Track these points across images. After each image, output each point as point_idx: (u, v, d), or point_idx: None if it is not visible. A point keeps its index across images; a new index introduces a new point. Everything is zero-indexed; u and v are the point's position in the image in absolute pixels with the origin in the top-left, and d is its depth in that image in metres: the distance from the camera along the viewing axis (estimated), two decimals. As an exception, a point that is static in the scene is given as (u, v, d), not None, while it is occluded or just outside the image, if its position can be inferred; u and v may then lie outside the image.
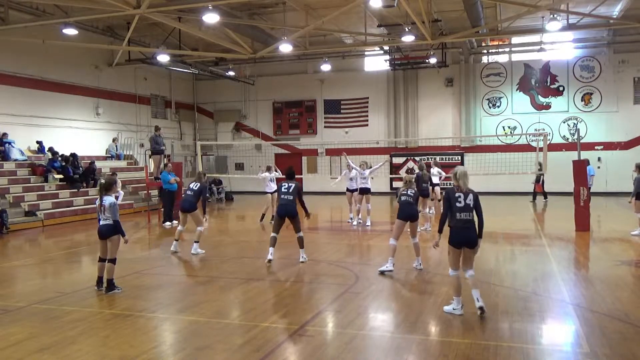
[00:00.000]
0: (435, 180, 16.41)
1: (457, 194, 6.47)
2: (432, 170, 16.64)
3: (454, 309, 6.53)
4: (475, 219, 6.52)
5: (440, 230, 6.85)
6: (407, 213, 8.85)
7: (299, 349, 5.62)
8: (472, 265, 6.59)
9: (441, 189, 16.45)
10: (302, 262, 9.69)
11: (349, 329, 6.10)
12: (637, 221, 12.71)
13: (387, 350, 5.53)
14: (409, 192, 8.97)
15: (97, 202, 7.78)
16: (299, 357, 5.48)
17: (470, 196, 6.48)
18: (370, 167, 15.08)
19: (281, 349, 5.56)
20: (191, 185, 11.13)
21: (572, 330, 6.09)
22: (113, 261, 7.76)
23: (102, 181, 7.90)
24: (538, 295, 7.44)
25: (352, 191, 15.42)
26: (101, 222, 7.74)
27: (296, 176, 10.36)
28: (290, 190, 9.67)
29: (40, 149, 19.51)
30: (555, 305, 7.11)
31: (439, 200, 16.99)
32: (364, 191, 14.88)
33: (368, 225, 14.91)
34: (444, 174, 16.36)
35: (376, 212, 16.67)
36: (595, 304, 6.98)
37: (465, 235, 6.43)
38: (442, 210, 6.64)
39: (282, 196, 9.71)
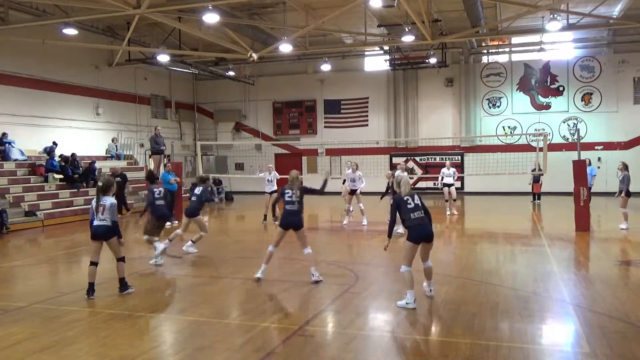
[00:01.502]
0: (450, 180, 16.64)
1: (405, 197, 7.01)
2: (446, 170, 16.83)
3: (407, 303, 6.76)
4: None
5: (389, 235, 7.29)
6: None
7: (299, 349, 5.61)
8: (428, 257, 7.15)
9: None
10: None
11: (349, 329, 6.10)
12: (622, 216, 13.70)
13: (387, 350, 5.53)
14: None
15: (94, 203, 7.66)
16: (299, 357, 5.48)
17: (416, 197, 7.09)
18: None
19: (281, 349, 5.56)
20: (195, 191, 11.00)
21: (572, 330, 6.09)
22: (122, 260, 7.74)
23: (100, 183, 7.84)
24: (538, 295, 7.44)
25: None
26: (97, 223, 7.59)
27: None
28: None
29: (49, 149, 19.34)
30: (555, 305, 7.11)
31: (454, 200, 17.22)
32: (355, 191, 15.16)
33: (364, 225, 14.95)
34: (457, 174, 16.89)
35: (377, 212, 16.65)
36: (595, 304, 6.98)
37: (422, 230, 6.93)
38: (389, 217, 7.14)
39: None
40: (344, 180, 17.63)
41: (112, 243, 7.66)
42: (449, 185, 17.11)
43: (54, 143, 19.46)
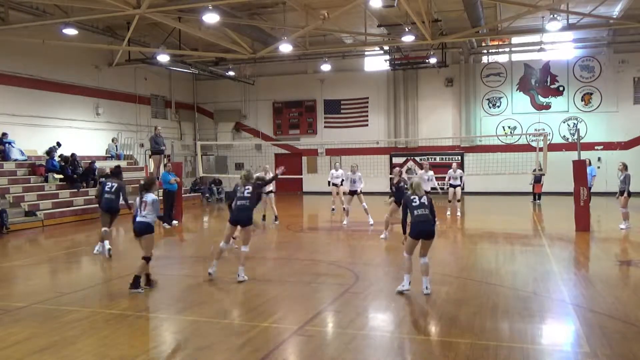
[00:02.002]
0: (457, 182, 16.72)
1: (412, 197, 7.55)
2: (453, 172, 16.89)
3: (402, 286, 7.47)
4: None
5: (404, 231, 7.71)
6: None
7: (299, 349, 5.62)
8: (426, 253, 7.51)
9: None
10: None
11: (349, 329, 6.10)
12: (622, 215, 13.71)
13: (387, 350, 5.53)
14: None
15: (138, 200, 7.83)
16: (299, 357, 5.48)
17: (424, 197, 7.58)
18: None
19: (281, 349, 5.56)
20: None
21: (572, 330, 6.09)
22: (147, 259, 7.80)
23: (142, 181, 8.06)
24: (538, 295, 7.44)
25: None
26: (138, 219, 7.78)
27: (295, 176, 10.09)
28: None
29: (51, 149, 19.32)
30: (555, 305, 7.12)
31: (458, 201, 17.29)
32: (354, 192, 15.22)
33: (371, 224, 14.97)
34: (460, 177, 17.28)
35: (377, 212, 16.64)
36: (595, 304, 6.98)
37: (423, 228, 7.40)
38: (401, 215, 7.69)
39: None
40: (329, 182, 18.40)
41: (145, 239, 7.81)
42: (455, 187, 17.16)
43: (58, 143, 19.48)
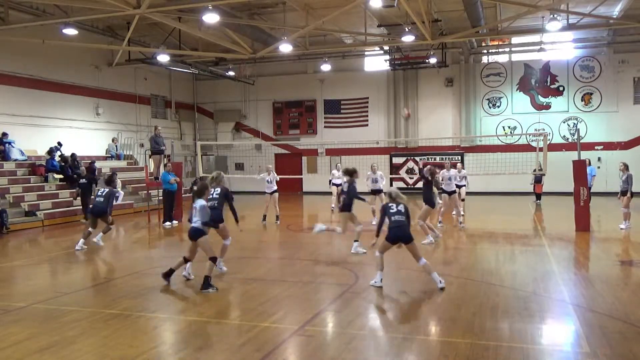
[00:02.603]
0: (462, 182, 16.71)
1: (390, 204, 8.08)
2: (459, 172, 16.87)
3: (375, 282, 7.92)
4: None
5: (377, 234, 8.25)
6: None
7: (299, 349, 5.62)
8: (419, 255, 7.90)
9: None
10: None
11: (349, 329, 6.10)
12: (623, 215, 13.68)
13: (387, 350, 5.53)
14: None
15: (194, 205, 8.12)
16: (299, 357, 5.48)
17: (401, 205, 8.04)
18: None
19: (281, 349, 5.56)
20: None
21: (572, 330, 6.09)
22: (213, 260, 8.01)
23: (195, 187, 8.35)
24: (538, 295, 7.44)
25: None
26: (191, 225, 8.14)
27: (295, 176, 10.29)
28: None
29: (53, 149, 19.32)
30: (555, 305, 7.11)
31: (462, 200, 17.30)
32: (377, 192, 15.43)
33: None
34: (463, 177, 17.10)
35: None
36: (595, 304, 6.98)
37: (399, 233, 7.84)
38: (379, 219, 8.20)
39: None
40: (330, 182, 18.84)
41: (200, 243, 8.02)
42: (460, 187, 17.13)
43: (59, 143, 19.48)
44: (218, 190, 9.11)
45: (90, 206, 12.98)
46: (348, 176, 10.85)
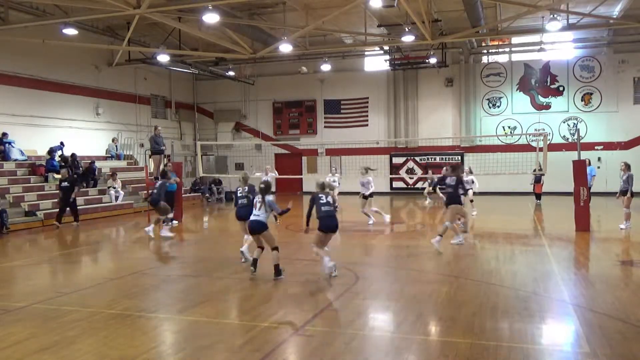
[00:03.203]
0: (468, 186, 16.70)
1: (320, 195, 8.57)
2: (465, 177, 16.85)
3: (329, 268, 8.44)
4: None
5: (307, 223, 8.75)
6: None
7: (299, 349, 5.62)
8: (328, 243, 8.82)
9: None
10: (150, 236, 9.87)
11: (349, 329, 6.10)
12: (624, 215, 13.66)
13: (387, 350, 5.53)
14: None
15: (257, 199, 8.66)
16: (299, 357, 5.48)
17: (329, 196, 8.63)
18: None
19: (281, 349, 5.56)
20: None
21: (572, 330, 6.08)
22: (277, 249, 8.56)
23: (262, 185, 8.79)
24: (538, 295, 7.44)
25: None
26: (251, 218, 8.63)
27: (295, 176, 10.55)
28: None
29: (55, 149, 19.32)
30: (555, 305, 7.11)
31: (471, 201, 17.32)
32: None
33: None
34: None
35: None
36: (595, 304, 6.98)
37: (329, 222, 8.50)
38: (307, 209, 8.72)
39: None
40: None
41: (264, 235, 8.58)
42: (466, 190, 17.11)
43: (62, 143, 19.49)
44: (246, 189, 9.99)
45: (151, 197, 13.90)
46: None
